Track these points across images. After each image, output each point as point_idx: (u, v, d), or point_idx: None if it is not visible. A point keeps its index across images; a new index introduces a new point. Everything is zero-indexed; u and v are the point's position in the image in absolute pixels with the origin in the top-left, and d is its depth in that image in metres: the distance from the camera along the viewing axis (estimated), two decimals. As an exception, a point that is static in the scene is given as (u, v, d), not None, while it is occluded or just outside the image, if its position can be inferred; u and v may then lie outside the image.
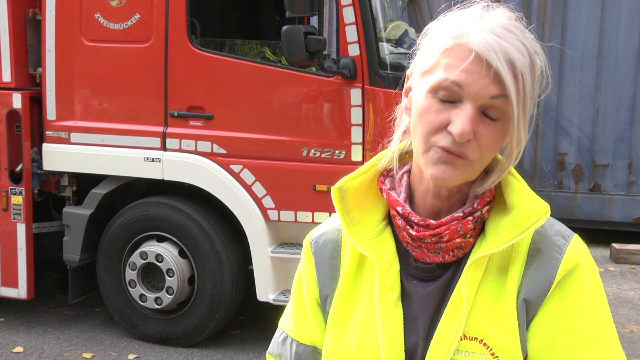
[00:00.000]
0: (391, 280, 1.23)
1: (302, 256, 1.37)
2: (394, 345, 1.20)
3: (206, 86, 4.67)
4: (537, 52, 1.14)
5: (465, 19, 1.12)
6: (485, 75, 1.08)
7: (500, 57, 1.07)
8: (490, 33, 1.09)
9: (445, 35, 1.12)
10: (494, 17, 1.12)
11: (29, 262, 5.10)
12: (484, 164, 1.15)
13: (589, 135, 7.49)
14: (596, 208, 7.53)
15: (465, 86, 1.09)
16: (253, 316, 5.46)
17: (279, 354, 1.37)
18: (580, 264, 1.17)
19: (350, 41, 4.36)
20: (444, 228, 1.18)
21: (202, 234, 4.77)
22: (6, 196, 5.07)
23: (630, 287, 6.37)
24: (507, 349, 1.14)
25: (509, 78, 1.08)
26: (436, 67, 1.12)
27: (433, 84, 1.12)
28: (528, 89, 1.10)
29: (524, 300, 1.16)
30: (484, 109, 1.11)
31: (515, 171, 1.22)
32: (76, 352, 4.87)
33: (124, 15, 4.76)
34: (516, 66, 1.08)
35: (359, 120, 4.39)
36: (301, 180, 4.54)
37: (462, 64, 1.09)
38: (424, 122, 1.13)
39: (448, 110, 1.11)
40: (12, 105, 4.99)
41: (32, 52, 5.10)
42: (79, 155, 4.96)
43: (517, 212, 1.17)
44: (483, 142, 1.11)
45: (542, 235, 1.18)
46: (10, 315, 5.47)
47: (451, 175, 1.12)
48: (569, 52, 7.28)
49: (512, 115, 1.10)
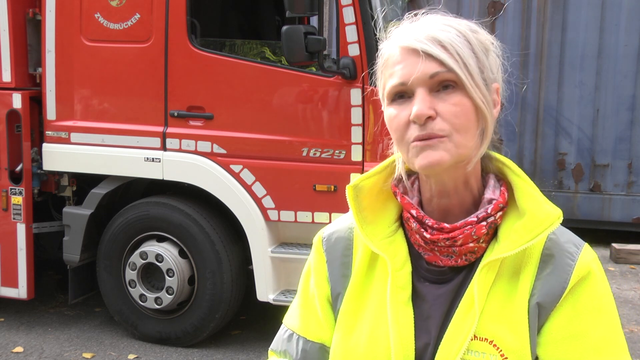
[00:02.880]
0: (403, 280, 1.24)
1: (312, 253, 1.38)
2: (404, 343, 1.21)
3: (206, 86, 4.67)
4: (474, 30, 1.19)
5: (393, 34, 1.20)
6: (417, 61, 1.14)
7: (423, 39, 1.14)
8: (412, 30, 1.17)
9: (382, 54, 1.22)
10: (420, 21, 1.19)
11: (29, 262, 5.10)
12: (467, 137, 1.16)
13: (589, 135, 7.49)
14: (596, 208, 7.53)
15: (406, 80, 1.15)
16: (253, 316, 5.46)
17: (283, 351, 1.36)
18: (592, 272, 1.20)
19: (350, 41, 4.36)
20: (458, 232, 1.19)
21: (202, 234, 4.77)
22: (6, 196, 5.07)
23: (630, 287, 6.37)
24: (517, 351, 1.16)
25: (438, 51, 1.13)
26: (386, 83, 1.20)
27: (387, 97, 1.19)
28: (464, 54, 1.14)
29: (537, 304, 1.18)
30: (436, 89, 1.15)
31: (526, 175, 1.24)
32: (76, 352, 4.87)
33: (124, 15, 4.76)
34: (442, 40, 1.14)
35: (359, 120, 4.39)
36: (301, 180, 4.54)
37: (398, 65, 1.16)
38: (393, 128, 1.19)
39: (407, 108, 1.16)
40: (12, 105, 4.99)
41: (32, 52, 5.10)
42: (79, 155, 4.96)
43: (529, 217, 1.18)
44: (447, 115, 1.14)
45: (554, 242, 1.20)
46: (10, 315, 5.46)
47: (435, 157, 1.14)
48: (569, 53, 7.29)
49: (460, 78, 1.13)
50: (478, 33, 1.19)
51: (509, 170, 1.25)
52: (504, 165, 1.26)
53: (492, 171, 1.27)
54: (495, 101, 1.20)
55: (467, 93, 1.14)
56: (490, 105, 1.17)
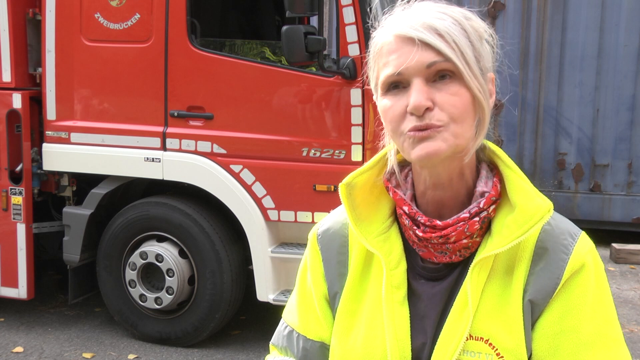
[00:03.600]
0: (398, 278, 1.23)
1: (307, 250, 1.36)
2: (400, 344, 1.20)
3: (206, 86, 4.67)
4: (468, 17, 1.16)
5: (386, 22, 1.17)
6: (413, 50, 1.11)
7: (419, 27, 1.11)
8: (406, 17, 1.14)
9: (375, 43, 1.18)
10: (412, 8, 1.16)
11: (29, 262, 5.10)
12: (464, 127, 1.14)
13: (589, 135, 7.49)
14: (596, 208, 7.53)
15: (402, 70, 1.12)
16: (253, 316, 5.46)
17: (284, 348, 1.36)
18: (586, 264, 1.17)
19: (350, 41, 4.36)
20: (450, 229, 1.17)
21: (202, 234, 4.77)
22: (6, 196, 5.07)
23: (630, 287, 6.37)
24: (512, 349, 1.14)
25: (435, 39, 1.10)
26: (380, 73, 1.16)
27: (381, 86, 1.16)
28: (461, 42, 1.12)
29: (529, 301, 1.16)
30: (432, 79, 1.12)
31: (517, 167, 1.22)
32: (76, 352, 4.87)
33: (124, 15, 4.76)
34: (438, 28, 1.11)
35: (359, 120, 4.39)
36: (301, 180, 4.54)
37: (393, 54, 1.13)
38: (388, 119, 1.16)
39: (403, 98, 1.13)
40: (12, 105, 4.99)
41: (32, 52, 5.10)
42: (79, 155, 4.96)
43: (519, 211, 1.16)
44: (445, 105, 1.12)
45: (548, 234, 1.18)
46: (10, 315, 5.46)
47: (432, 147, 1.12)
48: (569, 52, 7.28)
49: (457, 67, 1.11)
50: (472, 20, 1.16)
51: (500, 161, 1.23)
52: (495, 155, 1.24)
53: (484, 160, 1.25)
54: (491, 91, 1.18)
55: (464, 83, 1.12)
56: (487, 94, 1.16)
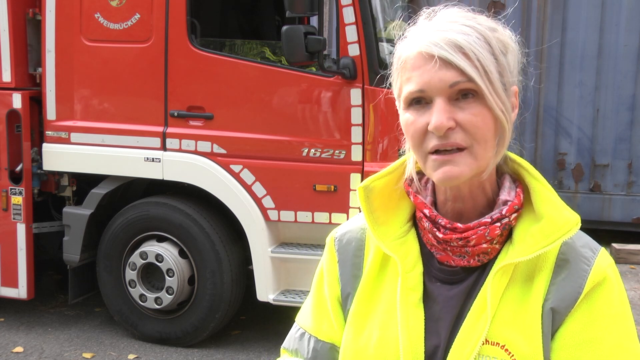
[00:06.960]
0: (414, 281, 1.23)
1: (324, 253, 1.38)
2: (414, 346, 1.20)
3: (206, 86, 4.67)
4: (493, 28, 1.15)
5: (411, 33, 1.17)
6: (437, 68, 1.11)
7: (443, 44, 1.10)
8: (431, 31, 1.13)
9: (398, 55, 1.19)
10: (437, 19, 1.16)
11: (29, 262, 5.10)
12: (487, 148, 1.14)
13: (589, 135, 7.49)
14: (596, 208, 7.52)
15: (425, 88, 1.12)
16: (253, 316, 5.46)
17: (295, 350, 1.36)
18: (608, 277, 1.18)
19: (350, 41, 4.36)
20: (471, 232, 1.18)
21: (202, 234, 4.77)
22: (6, 196, 5.07)
23: (630, 287, 6.37)
24: (529, 356, 1.14)
25: (459, 59, 1.10)
26: (402, 87, 1.17)
27: (404, 101, 1.17)
28: (485, 60, 1.11)
29: (551, 309, 1.16)
30: (455, 97, 1.12)
31: (544, 178, 1.23)
32: (76, 352, 4.87)
33: (124, 15, 4.76)
34: (462, 46, 1.10)
35: (359, 120, 4.39)
36: (301, 180, 4.54)
37: (416, 71, 1.13)
38: (409, 135, 1.17)
39: (425, 115, 1.14)
40: (12, 105, 4.99)
41: (32, 52, 5.10)
42: (79, 155, 4.96)
43: (547, 222, 1.17)
44: (468, 126, 1.12)
45: (570, 247, 1.18)
46: (10, 315, 5.46)
47: (455, 171, 1.13)
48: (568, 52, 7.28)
49: (480, 88, 1.11)
50: (497, 31, 1.16)
51: (526, 173, 1.24)
52: (520, 167, 1.25)
53: (507, 172, 1.26)
54: (514, 104, 1.18)
55: (486, 103, 1.12)
56: (509, 112, 1.15)
